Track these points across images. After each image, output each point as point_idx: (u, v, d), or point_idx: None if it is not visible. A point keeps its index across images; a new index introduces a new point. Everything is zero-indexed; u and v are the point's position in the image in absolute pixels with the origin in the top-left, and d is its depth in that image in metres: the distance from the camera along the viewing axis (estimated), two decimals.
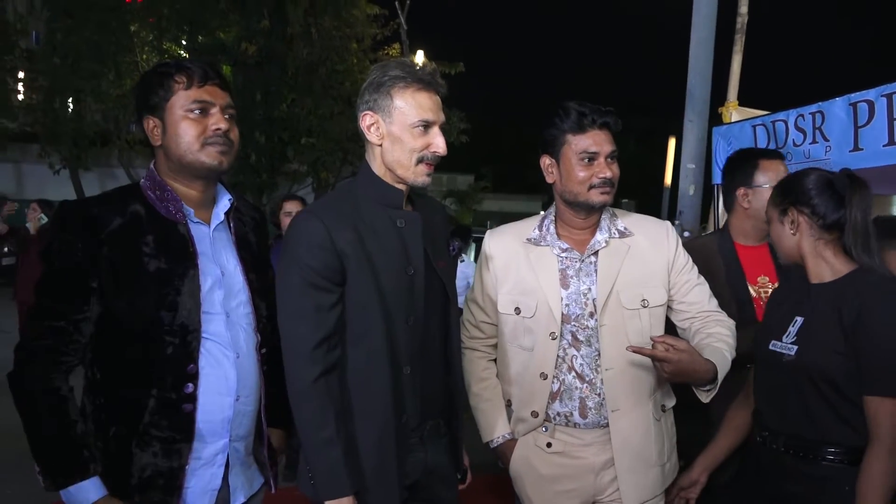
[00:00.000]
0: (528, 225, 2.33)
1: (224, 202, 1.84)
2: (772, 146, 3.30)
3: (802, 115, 3.01)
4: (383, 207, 1.83)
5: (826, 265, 1.96)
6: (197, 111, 1.71)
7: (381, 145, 1.81)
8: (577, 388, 2.17)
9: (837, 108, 2.80)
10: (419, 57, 19.92)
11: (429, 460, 1.91)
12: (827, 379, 1.86)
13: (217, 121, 1.73)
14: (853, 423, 1.84)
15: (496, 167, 30.77)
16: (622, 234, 2.22)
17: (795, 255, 2.01)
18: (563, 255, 2.22)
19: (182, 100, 1.70)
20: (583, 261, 2.20)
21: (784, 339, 1.98)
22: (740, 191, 2.57)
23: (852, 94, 2.71)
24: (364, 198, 1.83)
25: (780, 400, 1.97)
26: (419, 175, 1.82)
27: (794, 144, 3.11)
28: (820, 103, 2.90)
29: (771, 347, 2.00)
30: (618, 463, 2.15)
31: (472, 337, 2.39)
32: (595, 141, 2.12)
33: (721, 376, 2.02)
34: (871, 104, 2.63)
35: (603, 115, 2.13)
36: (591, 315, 2.16)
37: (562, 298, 2.18)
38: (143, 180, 1.80)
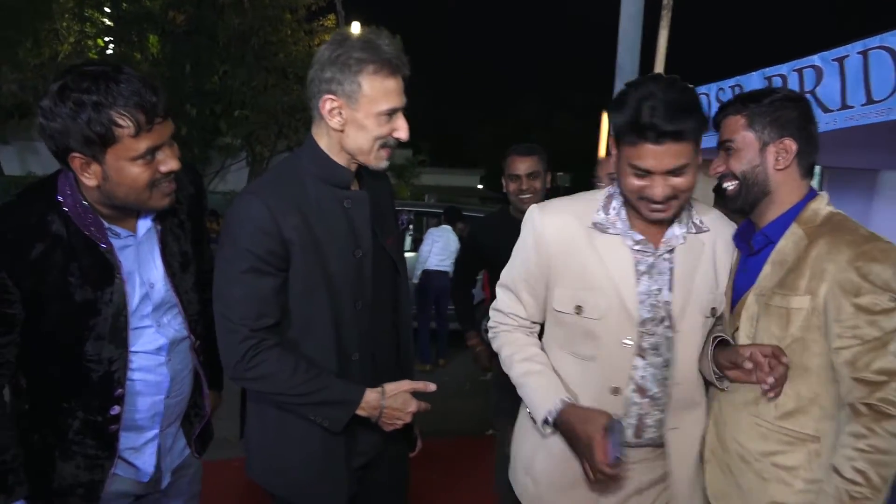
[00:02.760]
0: (589, 205, 1.88)
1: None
2: None
3: (722, 89, 3.15)
4: (330, 187, 1.75)
5: None
6: (148, 157, 1.53)
7: (342, 131, 1.71)
8: (635, 403, 1.85)
9: (754, 82, 2.94)
10: (355, 28, 19.63)
11: (378, 440, 1.89)
12: None
13: (168, 161, 1.57)
14: None
15: (434, 141, 30.75)
16: (698, 230, 1.87)
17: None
18: (637, 247, 1.83)
19: (129, 148, 1.48)
20: (657, 256, 1.84)
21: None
22: None
23: (766, 69, 2.86)
24: (310, 177, 1.73)
25: None
26: (380, 160, 1.76)
27: None
28: (738, 77, 3.03)
29: None
30: (676, 485, 1.89)
31: (502, 323, 2.02)
32: (652, 155, 1.67)
33: None
34: (784, 78, 2.78)
35: (672, 123, 1.64)
36: (662, 320, 1.82)
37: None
38: (60, 184, 1.58)
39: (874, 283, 1.58)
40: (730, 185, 1.84)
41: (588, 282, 1.83)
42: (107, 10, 16.85)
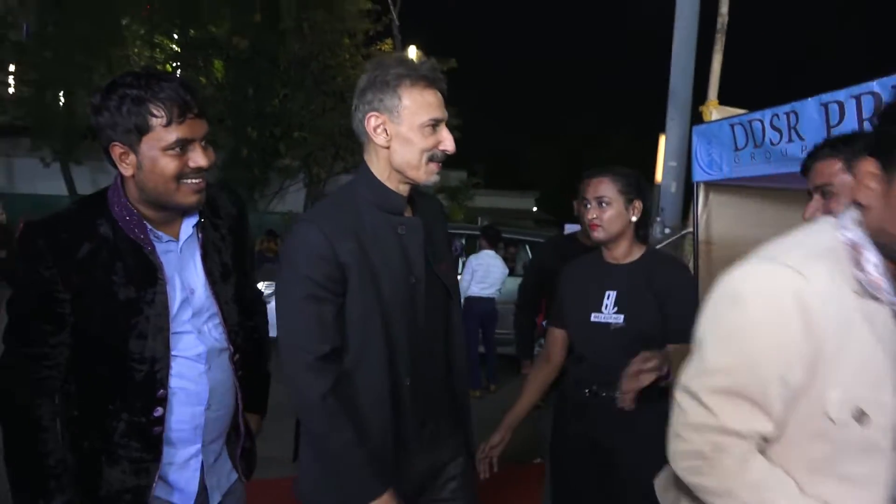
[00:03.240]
0: (832, 252, 1.27)
1: (193, 216, 1.77)
2: (750, 145, 3.35)
3: (777, 115, 3.05)
4: (384, 213, 1.78)
5: (627, 248, 2.38)
6: (178, 149, 1.59)
7: (388, 147, 1.74)
8: None
9: (810, 109, 2.84)
10: (412, 52, 19.94)
11: (431, 463, 1.89)
12: (649, 338, 2.23)
13: (197, 157, 1.62)
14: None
15: (488, 163, 30.88)
16: None
17: (619, 235, 2.37)
18: None
19: (161, 137, 1.57)
20: None
21: (604, 310, 2.34)
22: None
23: (823, 95, 2.76)
24: (364, 204, 1.77)
25: (610, 359, 2.26)
26: (430, 174, 1.77)
27: (772, 143, 3.16)
28: (793, 103, 2.94)
29: (594, 319, 2.35)
30: None
31: (726, 450, 1.26)
32: None
33: None
34: (841, 105, 2.68)
35: None
36: None
37: None
38: (110, 192, 1.70)
39: None
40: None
41: (872, 375, 1.24)
42: (175, 36, 17.60)
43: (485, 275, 7.57)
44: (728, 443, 1.26)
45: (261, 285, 9.82)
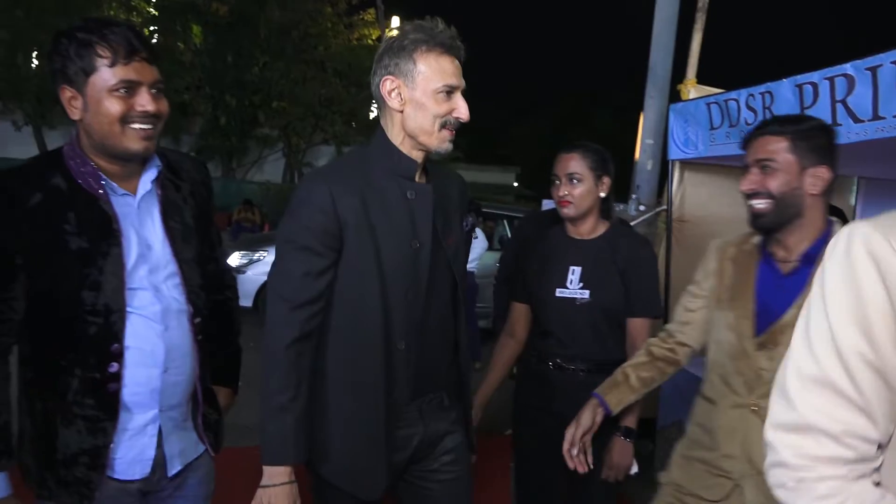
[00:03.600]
0: None
1: (152, 170, 1.74)
2: (725, 124, 3.38)
3: (753, 95, 3.07)
4: (395, 177, 1.78)
5: (593, 224, 2.40)
6: (122, 90, 1.58)
7: (402, 111, 1.75)
8: None
9: (784, 89, 2.87)
10: (395, 23, 19.70)
11: (427, 434, 1.89)
12: (614, 312, 2.33)
13: (144, 101, 1.61)
14: (622, 343, 2.35)
15: (469, 138, 30.74)
16: None
17: (588, 212, 2.38)
18: None
19: (105, 77, 1.56)
20: None
21: (569, 285, 2.37)
22: None
23: (797, 76, 2.78)
24: (377, 165, 1.79)
25: (575, 333, 2.36)
26: (442, 141, 1.76)
27: (747, 123, 3.18)
28: (768, 84, 2.96)
29: (559, 294, 2.38)
30: None
31: (836, 474, 0.96)
32: None
33: None
34: (815, 86, 2.70)
35: None
36: None
37: None
38: (65, 146, 1.69)
39: None
40: (761, 203, 1.81)
41: None
42: None
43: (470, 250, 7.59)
44: (828, 450, 0.97)
45: (237, 254, 9.61)
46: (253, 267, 8.30)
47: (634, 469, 2.30)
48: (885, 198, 4.56)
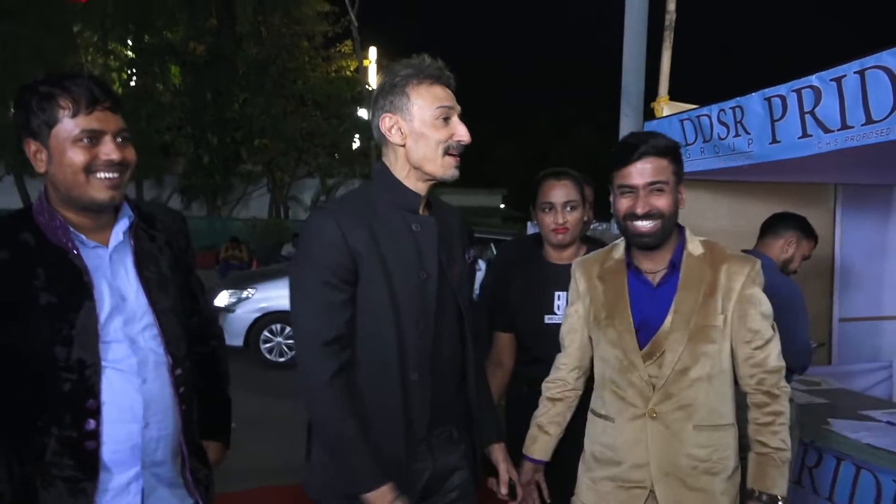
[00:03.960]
0: None
1: (123, 221, 1.73)
2: (699, 140, 3.41)
3: (724, 110, 3.11)
4: (399, 210, 1.80)
5: (576, 248, 2.43)
6: (86, 139, 1.58)
7: (404, 145, 1.78)
8: None
9: (754, 103, 2.90)
10: (372, 54, 19.89)
11: (437, 468, 1.87)
12: None
13: (108, 150, 1.60)
14: None
15: None
16: None
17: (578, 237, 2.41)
18: None
19: (68, 128, 1.57)
20: None
21: (557, 311, 2.36)
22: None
23: (766, 90, 2.81)
24: (380, 200, 1.80)
25: None
26: (447, 168, 1.77)
27: (720, 138, 3.21)
28: (738, 98, 2.99)
29: (548, 321, 2.36)
30: None
31: None
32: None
33: None
34: (783, 99, 2.74)
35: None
36: None
37: None
38: (35, 203, 1.68)
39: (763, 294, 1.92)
40: (651, 224, 1.88)
41: None
42: (129, 42, 17.31)
43: None
44: None
45: (225, 293, 9.54)
46: (242, 305, 8.26)
47: None
48: (864, 203, 4.61)
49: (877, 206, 4.67)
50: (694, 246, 1.96)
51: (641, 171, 1.87)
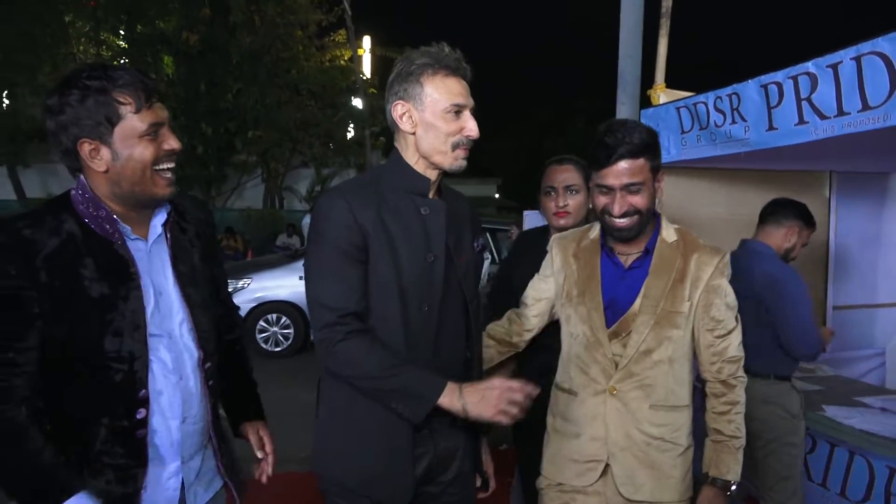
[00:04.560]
0: None
1: (161, 214, 1.72)
2: (696, 127, 3.41)
3: (720, 97, 3.11)
4: (409, 194, 1.82)
5: None
6: (152, 134, 1.58)
7: (414, 133, 1.80)
8: None
9: (750, 90, 2.90)
10: (366, 43, 19.79)
11: (438, 452, 1.88)
12: None
13: (170, 140, 1.62)
14: None
15: None
16: None
17: (581, 222, 2.41)
18: None
19: (135, 125, 1.56)
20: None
21: None
22: None
23: (762, 77, 2.81)
24: (390, 183, 1.83)
25: None
26: (456, 160, 1.81)
27: (716, 125, 3.22)
28: (735, 85, 2.99)
29: None
30: None
31: None
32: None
33: None
34: (779, 86, 2.74)
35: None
36: None
37: None
38: (73, 192, 1.64)
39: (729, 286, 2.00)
40: (629, 220, 1.94)
41: None
42: (122, 32, 17.16)
43: None
44: None
45: None
46: (238, 295, 8.26)
47: None
48: (858, 191, 4.63)
49: (871, 194, 4.69)
50: (668, 233, 2.04)
51: (618, 174, 1.92)
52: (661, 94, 3.95)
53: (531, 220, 6.32)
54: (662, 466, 2.00)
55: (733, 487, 1.98)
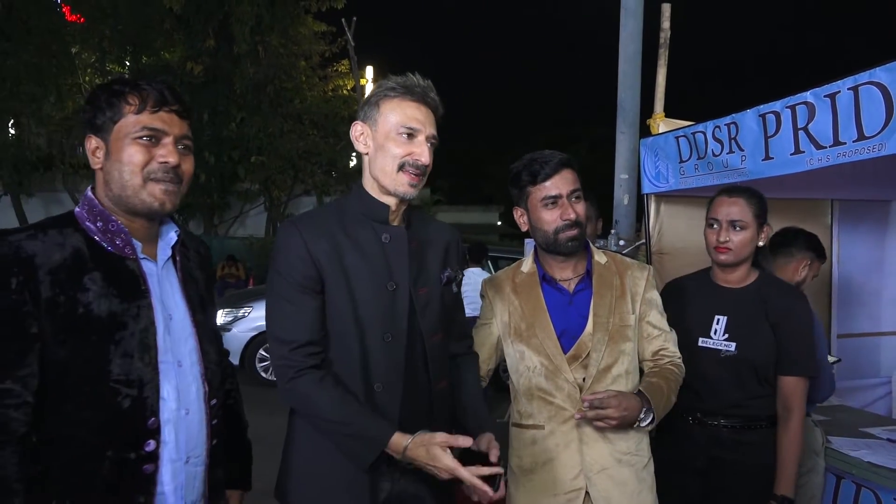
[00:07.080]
0: None
1: (170, 236, 1.66)
2: (694, 157, 3.41)
3: (719, 127, 3.11)
4: (369, 221, 1.81)
5: (745, 272, 2.38)
6: (146, 139, 1.52)
7: (367, 154, 1.82)
8: None
9: (748, 120, 2.91)
10: (369, 73, 19.99)
11: (395, 491, 1.79)
12: (762, 368, 2.25)
13: (167, 153, 1.54)
14: (772, 398, 2.27)
15: (452, 179, 30.87)
16: None
17: (745, 260, 2.36)
18: None
19: (130, 124, 1.52)
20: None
21: (713, 335, 2.31)
22: None
23: (761, 106, 2.82)
24: (350, 211, 1.83)
25: (716, 386, 2.30)
26: (400, 184, 1.76)
27: (714, 154, 3.22)
28: (733, 115, 3.00)
29: (702, 344, 2.32)
30: None
31: None
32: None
33: None
34: (777, 115, 2.74)
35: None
36: None
37: None
38: (77, 209, 1.57)
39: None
40: (578, 230, 2.04)
41: None
42: (127, 63, 17.35)
43: (475, 294, 7.37)
44: None
45: (221, 312, 9.52)
46: (238, 324, 8.22)
47: None
48: (860, 219, 4.61)
49: (873, 222, 4.68)
50: (599, 256, 2.15)
51: (564, 181, 2.03)
52: (661, 124, 3.96)
53: (532, 248, 6.28)
54: (632, 482, 2.02)
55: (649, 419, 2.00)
